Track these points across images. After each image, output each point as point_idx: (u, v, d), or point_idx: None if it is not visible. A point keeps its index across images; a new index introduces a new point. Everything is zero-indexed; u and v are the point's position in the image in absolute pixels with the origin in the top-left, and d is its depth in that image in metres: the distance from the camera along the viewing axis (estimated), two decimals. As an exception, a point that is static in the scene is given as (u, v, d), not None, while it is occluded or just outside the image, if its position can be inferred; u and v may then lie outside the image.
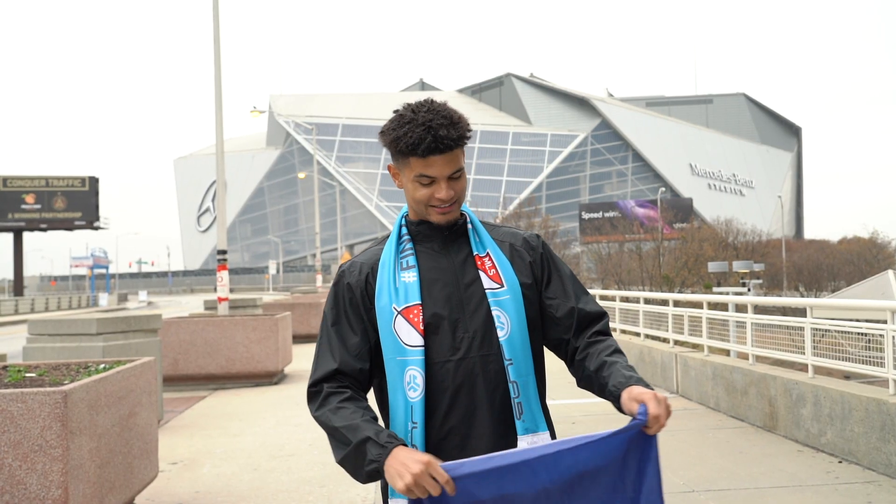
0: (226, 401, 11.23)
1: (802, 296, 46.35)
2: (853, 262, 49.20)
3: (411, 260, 2.18)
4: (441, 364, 2.10)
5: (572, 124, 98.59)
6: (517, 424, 2.10)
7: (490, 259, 2.19)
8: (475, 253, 2.20)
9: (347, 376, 2.13)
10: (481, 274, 2.16)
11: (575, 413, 9.06)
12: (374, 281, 2.18)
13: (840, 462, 6.61)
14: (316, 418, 2.10)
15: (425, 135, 2.06)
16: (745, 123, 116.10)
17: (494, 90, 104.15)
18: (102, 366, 5.63)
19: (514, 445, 2.08)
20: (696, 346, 10.64)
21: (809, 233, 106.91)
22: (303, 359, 15.39)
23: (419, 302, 2.12)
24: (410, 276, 2.15)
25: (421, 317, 2.11)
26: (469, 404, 2.10)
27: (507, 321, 2.12)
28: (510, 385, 2.11)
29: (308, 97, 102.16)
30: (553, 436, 2.17)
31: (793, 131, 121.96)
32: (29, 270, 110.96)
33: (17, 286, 69.66)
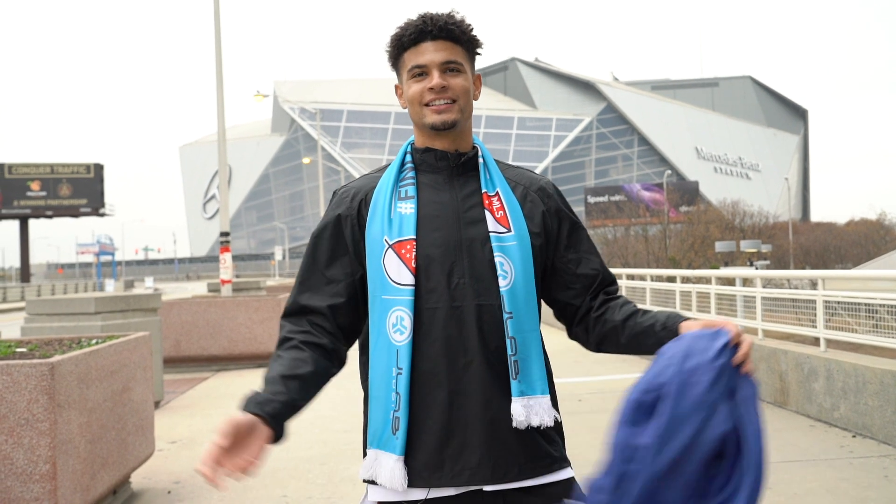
0: (228, 381, 11.10)
1: (808, 270, 46.07)
2: (860, 243, 48.88)
3: (411, 190, 1.97)
4: (431, 310, 1.89)
5: (577, 108, 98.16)
6: (512, 385, 1.88)
7: (499, 199, 1.98)
8: (483, 190, 1.98)
9: (315, 313, 1.94)
10: (487, 214, 1.95)
11: (581, 391, 8.91)
12: (366, 210, 1.98)
13: (854, 436, 6.45)
14: None
15: (417, 20, 1.96)
16: (752, 106, 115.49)
17: (499, 75, 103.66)
18: (95, 340, 5.49)
19: (507, 407, 1.88)
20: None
21: (816, 215, 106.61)
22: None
23: (414, 237, 1.91)
24: (408, 208, 1.94)
25: (414, 253, 1.90)
26: (460, 358, 1.88)
27: (511, 270, 1.91)
28: (507, 341, 1.89)
29: (313, 83, 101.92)
30: (554, 401, 1.96)
31: (799, 114, 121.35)
32: (36, 258, 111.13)
33: (24, 273, 69.73)
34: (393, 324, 1.89)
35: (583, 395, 8.66)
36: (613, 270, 15.79)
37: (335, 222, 2.01)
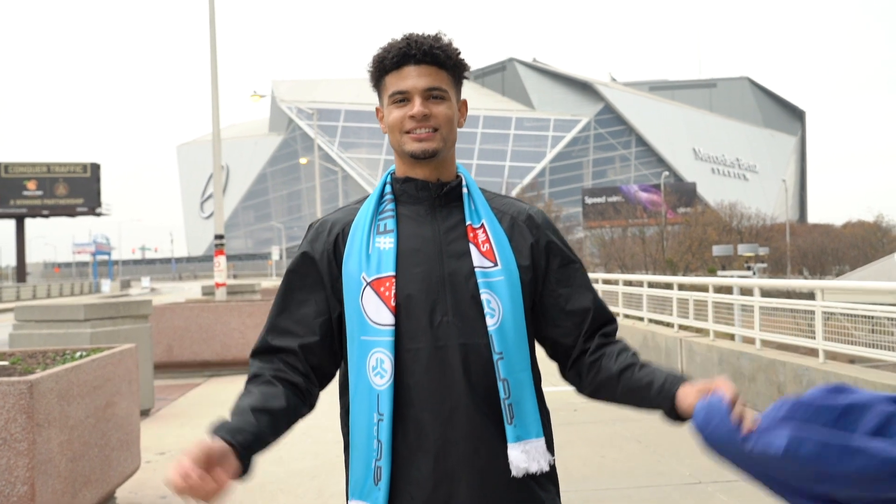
0: (220, 388, 10.98)
1: (807, 279, 46.10)
2: (858, 245, 48.89)
3: (390, 223, 1.85)
4: (413, 352, 1.77)
5: (575, 109, 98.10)
6: (507, 430, 1.76)
7: (485, 231, 1.85)
8: (468, 222, 1.86)
9: (286, 352, 1.83)
10: (472, 248, 1.83)
11: (576, 400, 8.78)
12: (343, 244, 1.86)
13: (853, 451, 6.34)
14: None
15: (401, 42, 1.85)
16: (749, 107, 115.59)
17: (497, 75, 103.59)
18: (79, 353, 5.37)
19: (503, 453, 1.76)
20: (700, 331, 10.36)
21: (813, 217, 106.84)
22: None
23: (393, 273, 1.79)
24: (387, 243, 1.82)
25: (394, 291, 1.78)
26: (445, 402, 1.76)
27: (499, 307, 1.79)
28: (500, 383, 1.76)
29: (311, 83, 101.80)
30: (550, 443, 1.84)
31: (797, 115, 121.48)
32: (32, 257, 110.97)
33: (20, 273, 69.58)
34: (373, 366, 1.77)
35: (578, 405, 8.55)
36: (610, 275, 15.69)
37: (310, 258, 1.90)
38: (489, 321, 1.78)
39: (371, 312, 1.78)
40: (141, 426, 6.19)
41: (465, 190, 1.91)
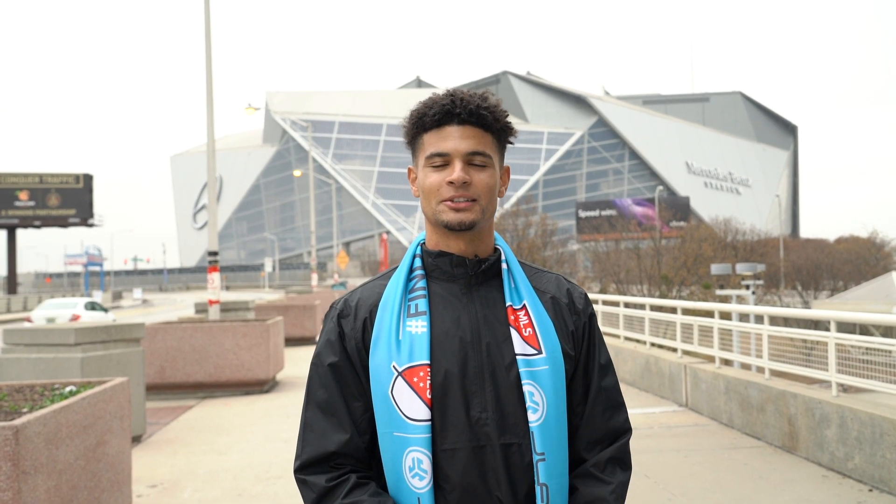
0: (214, 411, 10.73)
1: (801, 295, 45.91)
2: (852, 261, 48.75)
3: (422, 304, 1.64)
4: (449, 452, 1.57)
5: (569, 122, 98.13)
6: None
7: (527, 314, 1.65)
8: (508, 304, 1.66)
9: (346, 457, 1.62)
10: (513, 333, 1.62)
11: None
12: (371, 328, 1.65)
13: (871, 490, 6.12)
14: None
15: (444, 98, 1.64)
16: (742, 122, 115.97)
17: (491, 88, 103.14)
18: (69, 388, 5.14)
19: None
20: (706, 357, 10.13)
21: (805, 231, 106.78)
22: (296, 364, 14.91)
23: (427, 362, 1.59)
24: (419, 326, 1.62)
25: (429, 382, 1.58)
26: None
27: (543, 401, 1.59)
28: (538, 488, 1.56)
29: (305, 94, 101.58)
30: None
31: (789, 130, 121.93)
32: (24, 267, 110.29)
33: (11, 283, 69.03)
34: (410, 467, 1.57)
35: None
36: (610, 296, 15.44)
37: (340, 346, 1.68)
38: (531, 416, 1.58)
39: (404, 406, 1.58)
40: (132, 454, 5.96)
41: (504, 266, 1.70)
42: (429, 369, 1.59)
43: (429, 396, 1.58)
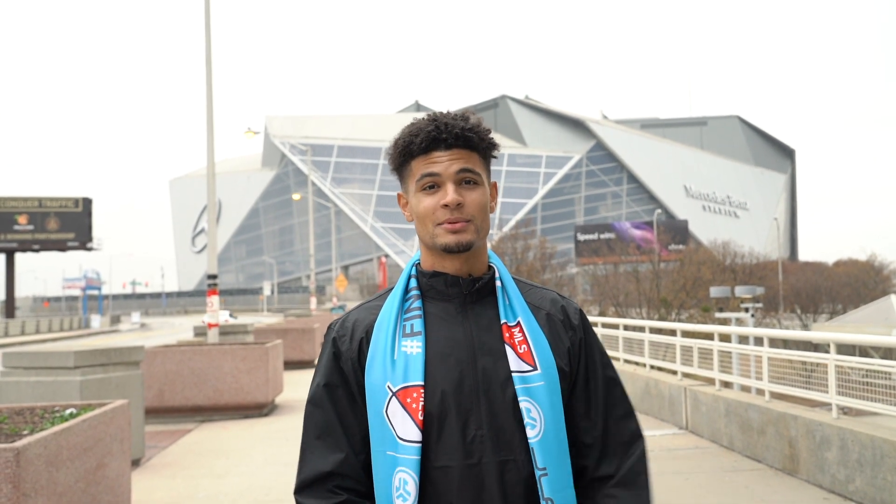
0: (213, 435, 10.70)
1: (800, 318, 45.97)
2: (851, 284, 48.84)
3: (417, 324, 1.66)
4: (443, 470, 1.58)
5: (567, 146, 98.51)
6: None
7: (521, 331, 1.66)
8: (503, 321, 1.67)
9: (343, 477, 1.63)
10: (508, 350, 1.64)
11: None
12: (367, 348, 1.67)
13: (872, 513, 6.12)
14: None
15: (428, 124, 1.66)
16: (740, 145, 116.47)
17: (490, 112, 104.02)
18: (69, 411, 5.14)
19: None
20: (706, 380, 10.12)
21: (804, 255, 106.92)
22: (295, 388, 14.87)
23: (421, 383, 1.60)
24: (414, 347, 1.63)
25: (421, 403, 1.59)
26: None
27: (540, 417, 1.60)
28: (544, 503, 1.57)
29: (303, 118, 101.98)
30: None
31: (787, 153, 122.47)
32: (22, 291, 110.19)
33: (9, 307, 68.91)
34: (396, 487, 1.58)
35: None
36: (610, 319, 15.44)
37: (336, 366, 1.70)
38: (530, 433, 1.59)
39: (398, 426, 1.59)
40: (132, 477, 5.94)
41: (498, 283, 1.72)
42: (422, 390, 1.60)
43: (420, 418, 1.59)
